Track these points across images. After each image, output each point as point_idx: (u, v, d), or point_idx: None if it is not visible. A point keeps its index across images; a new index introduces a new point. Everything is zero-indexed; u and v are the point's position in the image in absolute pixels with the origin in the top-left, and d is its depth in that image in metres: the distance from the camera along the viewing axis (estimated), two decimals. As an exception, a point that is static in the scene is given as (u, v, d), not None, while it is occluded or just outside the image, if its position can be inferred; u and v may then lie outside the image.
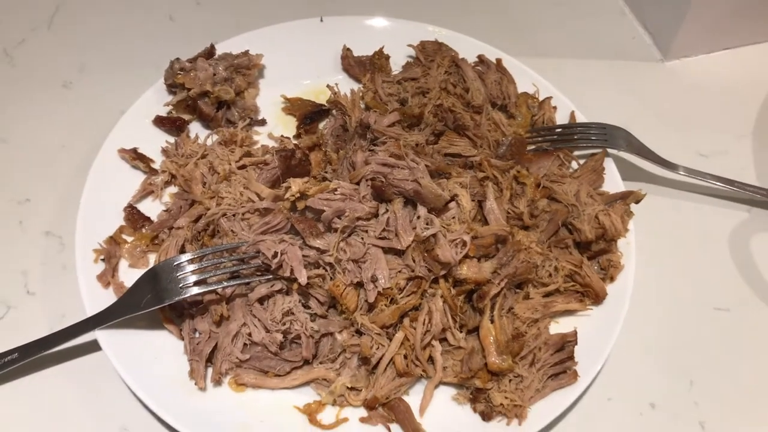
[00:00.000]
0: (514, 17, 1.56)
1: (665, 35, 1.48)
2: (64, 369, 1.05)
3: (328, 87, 1.29)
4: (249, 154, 1.19)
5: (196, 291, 1.01)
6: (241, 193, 1.11)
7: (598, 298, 1.08)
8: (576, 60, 1.49)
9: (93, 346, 1.03)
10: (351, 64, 1.35)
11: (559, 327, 1.08)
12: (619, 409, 1.07)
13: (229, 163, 1.15)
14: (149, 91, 1.27)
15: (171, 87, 1.27)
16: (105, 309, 1.00)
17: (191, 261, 1.03)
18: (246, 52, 1.30)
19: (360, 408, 1.01)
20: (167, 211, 1.15)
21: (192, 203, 1.14)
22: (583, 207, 1.13)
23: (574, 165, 1.23)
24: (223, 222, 1.08)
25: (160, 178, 1.18)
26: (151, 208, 1.17)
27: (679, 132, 1.38)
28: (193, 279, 1.01)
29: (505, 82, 1.30)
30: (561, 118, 1.28)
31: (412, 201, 1.06)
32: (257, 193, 1.11)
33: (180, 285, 1.01)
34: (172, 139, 1.23)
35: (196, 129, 1.26)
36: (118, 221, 1.13)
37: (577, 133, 1.25)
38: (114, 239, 1.10)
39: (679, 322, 1.15)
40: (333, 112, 1.29)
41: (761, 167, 1.34)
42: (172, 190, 1.19)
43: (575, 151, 1.24)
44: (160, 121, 1.24)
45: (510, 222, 1.11)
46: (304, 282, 1.00)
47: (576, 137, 1.25)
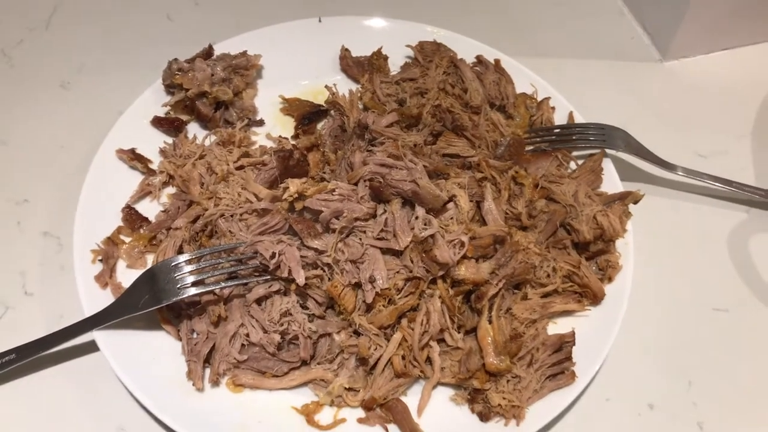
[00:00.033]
0: (512, 17, 1.56)
1: (664, 35, 1.48)
2: (61, 369, 1.05)
3: (326, 87, 1.29)
4: (247, 154, 1.19)
5: (193, 291, 1.01)
6: (239, 194, 1.11)
7: (596, 298, 1.08)
8: (574, 60, 1.49)
9: (91, 346, 1.03)
10: (349, 64, 1.35)
11: (557, 327, 1.08)
12: (618, 410, 1.07)
13: (227, 164, 1.15)
14: (147, 92, 1.27)
15: (169, 87, 1.27)
16: (103, 309, 1.00)
17: (189, 262, 1.03)
18: (244, 52, 1.30)
19: (358, 409, 1.01)
20: (165, 212, 1.15)
21: (190, 204, 1.13)
22: (582, 207, 1.13)
23: (572, 165, 1.23)
24: (221, 222, 1.08)
25: (158, 178, 1.18)
26: (149, 208, 1.17)
27: (678, 132, 1.38)
28: (191, 279, 1.01)
29: (504, 82, 1.30)
30: (559, 118, 1.28)
31: (410, 201, 1.06)
32: (255, 194, 1.10)
33: (178, 286, 1.01)
34: (170, 140, 1.23)
35: (194, 129, 1.26)
36: (116, 222, 1.13)
37: (576, 134, 1.25)
38: (112, 240, 1.10)
39: (678, 322, 1.15)
40: (331, 112, 1.29)
41: (760, 168, 1.34)
42: (170, 190, 1.19)
43: (574, 152, 1.24)
44: (158, 122, 1.24)
45: (508, 222, 1.10)
46: (302, 282, 1.00)
47: (574, 138, 1.24)
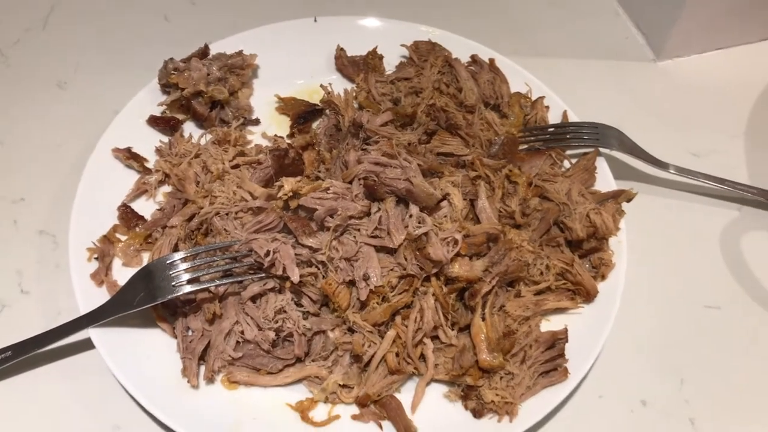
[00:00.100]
0: (507, 18, 1.56)
1: (658, 35, 1.49)
2: (57, 367, 1.05)
3: (321, 87, 1.30)
4: (242, 153, 1.19)
5: (189, 289, 1.01)
6: (234, 192, 1.11)
7: (589, 296, 1.08)
8: (569, 60, 1.49)
9: (86, 344, 1.04)
10: (344, 64, 1.35)
11: (551, 325, 1.08)
12: (610, 407, 1.07)
13: (223, 163, 1.16)
14: (143, 91, 1.27)
15: (165, 87, 1.27)
16: (98, 307, 1.01)
17: (184, 259, 1.04)
18: (240, 52, 1.31)
19: (352, 405, 1.01)
20: (161, 210, 1.16)
21: (185, 202, 1.14)
22: (575, 206, 1.13)
23: (566, 164, 1.24)
24: (216, 221, 1.08)
25: (153, 177, 1.19)
26: (145, 207, 1.17)
27: (672, 131, 1.38)
28: (186, 277, 1.02)
29: (498, 81, 1.31)
30: (553, 117, 1.29)
31: (404, 200, 1.06)
32: (250, 192, 1.11)
33: (173, 283, 1.01)
34: (165, 139, 1.23)
35: (189, 129, 1.27)
36: (111, 220, 1.13)
37: (570, 133, 1.25)
38: (108, 238, 1.11)
39: (670, 320, 1.16)
40: (326, 111, 1.30)
41: (753, 167, 1.34)
42: (165, 189, 1.19)
43: (567, 151, 1.25)
44: (154, 121, 1.25)
45: (502, 220, 1.11)
46: (296, 280, 1.00)
47: (568, 136, 1.25)
